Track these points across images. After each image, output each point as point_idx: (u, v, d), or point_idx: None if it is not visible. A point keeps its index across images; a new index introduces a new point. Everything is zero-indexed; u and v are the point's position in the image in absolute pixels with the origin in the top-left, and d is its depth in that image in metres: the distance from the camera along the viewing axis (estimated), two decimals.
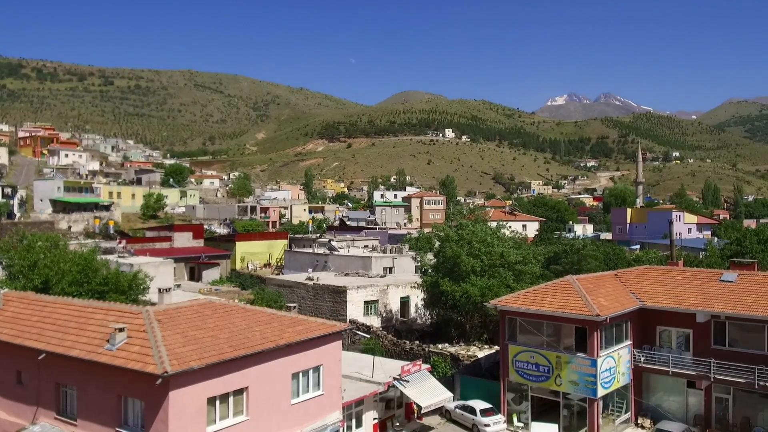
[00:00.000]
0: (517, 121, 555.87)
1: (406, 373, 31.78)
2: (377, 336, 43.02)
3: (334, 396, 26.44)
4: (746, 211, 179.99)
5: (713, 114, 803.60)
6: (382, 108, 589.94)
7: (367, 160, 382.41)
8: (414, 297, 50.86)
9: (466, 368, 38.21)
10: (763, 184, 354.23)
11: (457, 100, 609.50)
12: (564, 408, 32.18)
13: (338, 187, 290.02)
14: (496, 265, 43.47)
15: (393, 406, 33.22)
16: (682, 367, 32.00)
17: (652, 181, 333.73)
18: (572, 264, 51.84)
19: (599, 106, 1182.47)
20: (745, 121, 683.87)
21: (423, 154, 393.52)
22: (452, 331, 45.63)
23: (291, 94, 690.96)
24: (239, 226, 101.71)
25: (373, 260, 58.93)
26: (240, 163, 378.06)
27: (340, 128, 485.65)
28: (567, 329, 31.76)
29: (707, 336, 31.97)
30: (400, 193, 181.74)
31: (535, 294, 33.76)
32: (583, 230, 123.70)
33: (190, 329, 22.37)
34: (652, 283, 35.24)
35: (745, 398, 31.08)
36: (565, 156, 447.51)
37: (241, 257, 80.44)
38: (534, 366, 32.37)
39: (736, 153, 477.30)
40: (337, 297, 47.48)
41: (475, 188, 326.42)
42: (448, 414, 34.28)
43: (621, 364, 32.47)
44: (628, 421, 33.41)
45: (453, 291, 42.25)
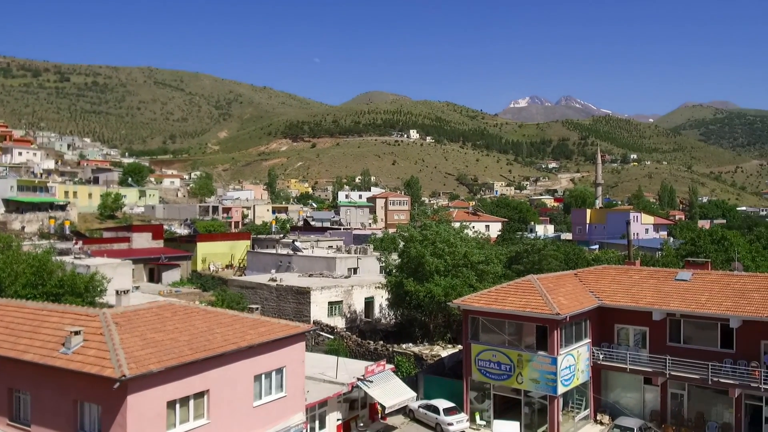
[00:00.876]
0: (480, 122, 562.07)
1: (370, 373, 31.79)
2: (341, 337, 42.92)
3: (297, 397, 26.26)
4: (701, 212, 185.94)
5: (669, 117, 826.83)
6: (347, 108, 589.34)
7: (332, 160, 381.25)
8: (378, 297, 50.92)
9: (429, 368, 38.42)
10: (716, 186, 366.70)
11: (421, 101, 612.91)
12: (525, 406, 32.64)
13: (302, 187, 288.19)
14: (459, 265, 43.87)
15: (357, 406, 33.18)
16: (639, 364, 32.82)
17: (611, 182, 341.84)
18: (533, 264, 52.66)
19: (560, 109, 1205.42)
20: (700, 124, 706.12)
21: (388, 154, 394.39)
22: (416, 330, 45.85)
23: (254, 93, 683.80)
24: (200, 227, 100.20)
25: (337, 261, 58.76)
26: (201, 162, 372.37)
27: (304, 128, 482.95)
28: (528, 328, 32.23)
29: (663, 333, 32.87)
30: (365, 194, 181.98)
31: (497, 293, 34.16)
32: (545, 230, 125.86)
33: (149, 332, 21.94)
34: (611, 282, 36.05)
35: (699, 394, 32.05)
36: (527, 157, 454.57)
37: (203, 258, 79.21)
38: (496, 364, 32.75)
39: (692, 155, 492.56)
40: (300, 298, 47.18)
41: (440, 189, 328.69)
42: (411, 413, 34.41)
43: (580, 362, 33.12)
44: (588, 417, 34.09)
45: (417, 291, 42.47)
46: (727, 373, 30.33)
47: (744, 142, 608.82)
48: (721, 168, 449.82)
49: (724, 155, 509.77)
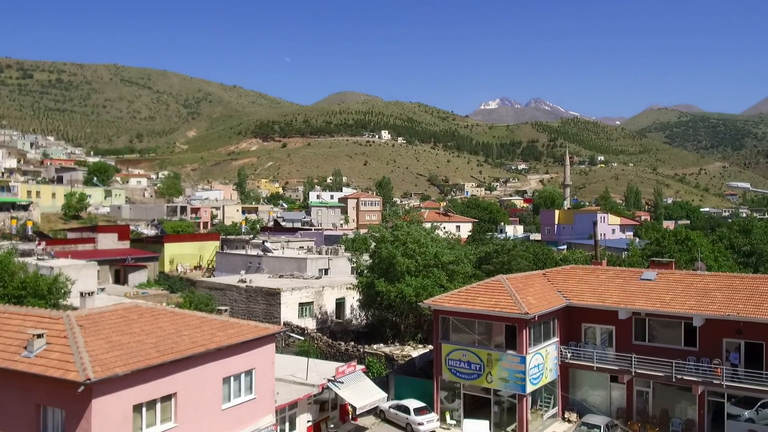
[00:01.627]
0: (451, 124, 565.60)
1: (340, 374, 31.71)
2: (312, 338, 42.73)
3: (266, 400, 26.07)
4: (665, 213, 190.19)
5: (635, 120, 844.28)
6: (318, 108, 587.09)
7: (303, 160, 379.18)
8: (349, 298, 50.83)
9: (400, 368, 38.50)
10: (681, 188, 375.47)
11: (393, 102, 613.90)
12: (495, 404, 32.93)
13: (273, 187, 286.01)
14: (430, 265, 44.07)
15: (327, 407, 33.05)
16: (606, 363, 33.40)
17: (579, 183, 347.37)
18: (503, 264, 53.16)
19: (530, 111, 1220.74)
20: (665, 127, 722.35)
21: (359, 155, 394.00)
22: (387, 331, 45.90)
23: (224, 92, 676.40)
24: (168, 227, 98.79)
25: (308, 262, 58.49)
26: (169, 161, 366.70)
27: (274, 127, 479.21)
28: (498, 327, 32.53)
29: (629, 332, 33.52)
30: (337, 194, 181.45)
31: (468, 293, 34.40)
32: (514, 231, 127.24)
33: (115, 334, 21.56)
34: (578, 281, 36.61)
35: (663, 391, 32.76)
36: (497, 159, 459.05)
37: (170, 259, 78.06)
38: (466, 364, 32.97)
39: (657, 158, 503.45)
40: (270, 299, 46.82)
41: (411, 189, 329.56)
42: (382, 414, 34.42)
43: (549, 361, 33.56)
44: (556, 415, 34.57)
45: (388, 291, 42.53)
46: (690, 370, 31.06)
47: (707, 144, 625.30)
48: (685, 170, 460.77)
49: (688, 157, 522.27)
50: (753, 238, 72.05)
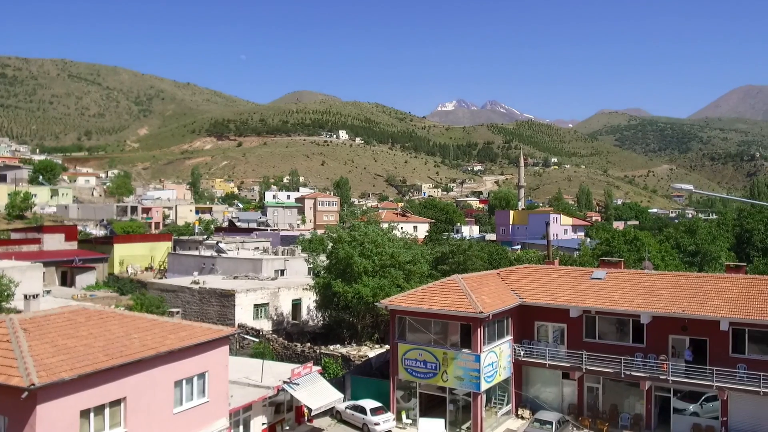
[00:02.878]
0: (408, 124, 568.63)
1: (296, 376, 31.47)
2: (267, 340, 42.25)
3: (220, 403, 25.66)
4: (615, 214, 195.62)
5: (587, 123, 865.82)
6: (275, 107, 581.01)
7: (259, 159, 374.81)
8: (306, 299, 50.48)
9: (357, 368, 38.45)
10: (630, 189, 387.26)
11: (350, 102, 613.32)
12: (450, 403, 33.24)
13: (227, 187, 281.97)
14: (387, 265, 44.15)
15: (283, 409, 32.74)
16: (558, 360, 34.15)
17: (533, 185, 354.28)
18: (459, 263, 53.69)
19: (486, 113, 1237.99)
20: (615, 130, 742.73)
21: (317, 154, 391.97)
22: (344, 332, 45.79)
23: (177, 89, 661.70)
24: (118, 228, 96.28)
25: (263, 262, 57.84)
26: (120, 160, 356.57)
27: (229, 126, 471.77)
28: (453, 326, 32.85)
29: (580, 330, 34.36)
30: (293, 194, 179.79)
31: (424, 293, 34.62)
32: (470, 231, 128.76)
33: (61, 338, 20.90)
34: (531, 281, 37.30)
35: (613, 387, 33.70)
36: (454, 160, 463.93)
37: (120, 260, 76.10)
38: (422, 363, 33.17)
39: (607, 160, 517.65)
40: (224, 301, 46.06)
41: (369, 190, 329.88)
42: (338, 415, 34.31)
43: (502, 359, 34.09)
44: (509, 413, 35.13)
45: (345, 292, 42.41)
46: (638, 366, 32.04)
47: (655, 147, 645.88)
48: (634, 172, 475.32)
49: (637, 160, 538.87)
50: (698, 238, 74.80)
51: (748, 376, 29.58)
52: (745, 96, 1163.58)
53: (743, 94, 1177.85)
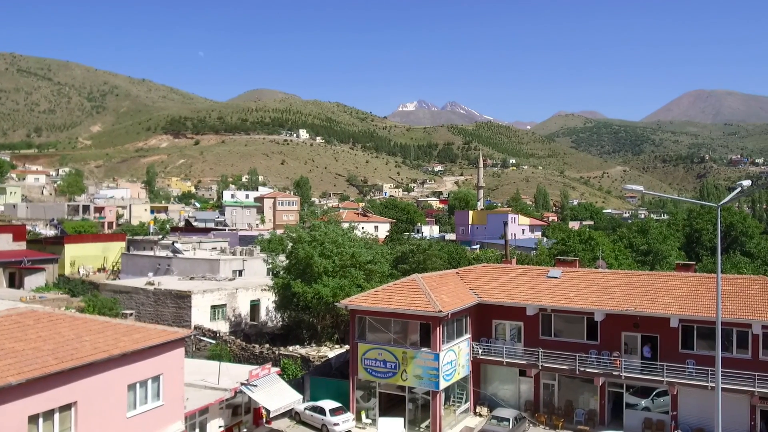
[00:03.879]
0: (370, 124, 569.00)
1: (254, 377, 31.10)
2: (225, 341, 41.63)
3: (175, 406, 25.16)
4: (571, 214, 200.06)
5: (545, 125, 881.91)
6: (234, 105, 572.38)
7: (217, 158, 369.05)
8: (265, 300, 49.95)
9: (316, 369, 38.25)
10: (585, 190, 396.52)
11: (311, 101, 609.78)
12: (409, 402, 33.38)
13: (184, 186, 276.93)
14: (347, 265, 44.05)
15: (240, 412, 32.30)
16: (515, 357, 34.70)
17: (492, 185, 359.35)
18: (419, 263, 54.01)
19: (446, 114, 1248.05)
20: (571, 132, 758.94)
21: (276, 153, 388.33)
22: (304, 332, 45.50)
23: (132, 85, 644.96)
24: (69, 227, 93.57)
25: (221, 263, 57.01)
26: (71, 157, 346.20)
27: (186, 124, 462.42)
28: (413, 326, 33.00)
29: (536, 328, 34.98)
30: (252, 194, 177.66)
31: (384, 293, 34.67)
32: (430, 231, 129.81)
33: (8, 341, 20.23)
34: (489, 280, 37.79)
35: (568, 383, 34.43)
36: (414, 160, 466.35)
37: (71, 261, 73.90)
38: (382, 363, 33.21)
39: (564, 161, 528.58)
40: (180, 302, 45.16)
41: (330, 189, 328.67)
42: (297, 416, 34.07)
43: (461, 357, 34.42)
44: (468, 410, 35.50)
45: (305, 292, 42.13)
46: (592, 363, 32.83)
47: (610, 149, 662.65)
48: (589, 173, 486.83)
49: (593, 161, 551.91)
50: (649, 237, 77.09)
51: (696, 371, 30.63)
52: (695, 100, 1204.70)
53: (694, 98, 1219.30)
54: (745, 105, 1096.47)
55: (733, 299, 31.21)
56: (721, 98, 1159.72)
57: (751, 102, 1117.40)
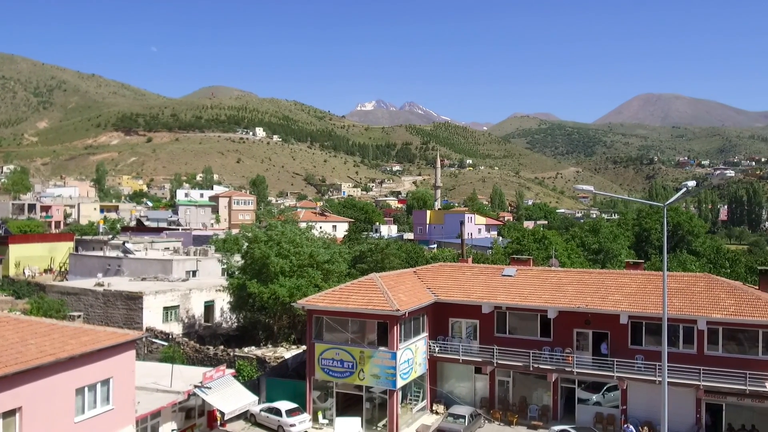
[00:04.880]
0: (328, 123, 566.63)
1: (208, 379, 30.55)
2: (178, 343, 40.75)
3: (126, 410, 24.51)
4: (526, 214, 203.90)
5: (501, 126, 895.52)
6: (188, 101, 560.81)
7: (170, 156, 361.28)
8: (219, 301, 49.13)
9: (272, 370, 37.82)
10: (540, 190, 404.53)
11: (268, 99, 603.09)
12: (367, 401, 33.36)
13: (136, 184, 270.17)
14: (305, 265, 43.69)
15: (194, 415, 31.67)
16: (471, 355, 35.08)
17: (449, 185, 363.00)
18: (377, 262, 54.05)
19: (404, 114, 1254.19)
20: (526, 133, 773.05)
21: (232, 152, 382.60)
22: (260, 333, 44.95)
23: (81, 81, 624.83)
24: (13, 227, 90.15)
25: (174, 263, 55.86)
26: (16, 155, 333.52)
27: (138, 120, 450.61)
28: (370, 325, 32.98)
29: (491, 325, 35.45)
30: (207, 192, 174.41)
31: (341, 292, 34.54)
32: (389, 231, 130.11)
33: None
34: (446, 278, 38.10)
35: (522, 380, 35.01)
36: (373, 160, 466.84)
37: (16, 262, 71.31)
38: (339, 362, 33.09)
39: (519, 162, 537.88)
40: (131, 303, 43.97)
41: (287, 189, 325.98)
42: (253, 418, 33.62)
43: (418, 355, 34.59)
44: (425, 408, 35.70)
45: (261, 293, 41.59)
46: (545, 359, 33.47)
47: (563, 151, 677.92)
48: (543, 174, 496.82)
49: (547, 162, 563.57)
50: (601, 237, 79.12)
51: (645, 366, 31.58)
52: (644, 103, 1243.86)
53: (643, 102, 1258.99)
54: (692, 108, 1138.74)
55: (679, 296, 32.29)
56: (669, 102, 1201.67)
57: (698, 105, 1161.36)
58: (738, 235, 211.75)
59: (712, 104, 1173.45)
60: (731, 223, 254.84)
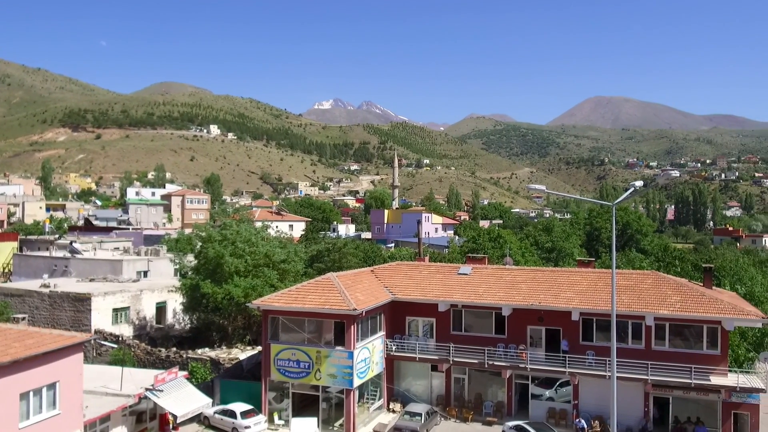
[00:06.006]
0: (284, 121, 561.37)
1: (160, 382, 29.84)
2: (128, 346, 39.65)
3: (73, 414, 23.72)
4: (482, 214, 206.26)
5: (457, 127, 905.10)
6: (139, 98, 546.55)
7: (121, 153, 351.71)
8: (172, 302, 48.03)
9: (227, 371, 37.21)
10: (495, 190, 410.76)
11: (223, 96, 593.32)
12: (323, 401, 33.16)
13: (84, 182, 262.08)
14: (260, 264, 43.13)
15: (145, 418, 30.87)
16: (427, 353, 35.29)
17: (407, 185, 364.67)
18: (334, 261, 53.93)
19: (362, 113, 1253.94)
20: (482, 134, 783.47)
21: (185, 150, 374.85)
22: (214, 334, 44.17)
23: (26, 75, 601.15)
24: None
25: (124, 264, 54.35)
26: None
27: (87, 117, 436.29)
28: (327, 325, 32.80)
29: (447, 323, 35.75)
30: (159, 191, 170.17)
31: (298, 292, 34.23)
32: (346, 230, 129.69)
33: None
34: (403, 277, 38.22)
35: (478, 377, 35.43)
36: (330, 159, 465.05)
37: None
38: (295, 363, 32.79)
39: (475, 162, 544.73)
40: (79, 305, 42.52)
41: (242, 188, 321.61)
42: (207, 420, 32.99)
43: (375, 354, 34.59)
44: (382, 407, 35.73)
45: (215, 293, 40.84)
46: (500, 356, 33.97)
47: (518, 151, 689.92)
48: (499, 174, 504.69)
49: (502, 163, 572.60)
50: (553, 236, 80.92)
51: (596, 361, 32.39)
52: (596, 106, 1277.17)
53: (594, 104, 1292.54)
54: (641, 111, 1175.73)
55: (628, 293, 33.25)
56: (619, 105, 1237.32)
57: (647, 108, 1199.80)
58: (684, 234, 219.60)
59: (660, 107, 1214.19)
60: (678, 222, 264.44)
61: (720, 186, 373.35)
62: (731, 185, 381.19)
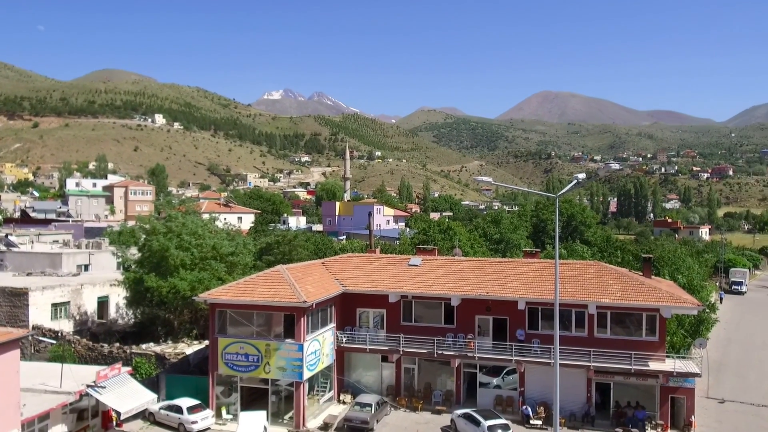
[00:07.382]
0: (233, 111, 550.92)
1: (102, 378, 28.96)
2: (68, 341, 38.24)
3: (9, 413, 22.80)
4: (432, 206, 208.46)
5: (409, 119, 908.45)
6: (79, 85, 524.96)
7: (60, 142, 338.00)
8: (114, 296, 46.62)
9: (172, 366, 36.39)
10: (446, 183, 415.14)
11: (168, 85, 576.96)
12: (273, 394, 32.87)
13: (20, 172, 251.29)
14: (207, 257, 42.30)
15: (87, 416, 29.92)
16: (378, 344, 35.45)
17: (359, 177, 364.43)
18: (284, 254, 53.37)
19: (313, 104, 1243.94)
20: (433, 127, 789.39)
21: (129, 139, 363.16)
22: (159, 329, 43.11)
23: None
24: None
25: (63, 257, 52.38)
26: None
27: (23, 104, 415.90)
28: (277, 317, 32.48)
29: (398, 314, 35.97)
30: (101, 182, 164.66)
31: (246, 285, 33.74)
32: (297, 222, 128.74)
33: None
34: (354, 269, 38.20)
35: (427, 367, 35.83)
36: (280, 150, 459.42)
37: None
38: (244, 356, 32.35)
39: (426, 155, 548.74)
40: (15, 300, 40.72)
41: (189, 179, 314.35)
42: (152, 417, 32.21)
43: (325, 346, 34.49)
44: (332, 399, 35.71)
45: (160, 287, 39.83)
46: (449, 346, 34.43)
47: (468, 144, 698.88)
48: (449, 167, 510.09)
49: (452, 156, 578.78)
50: (502, 227, 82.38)
51: (541, 349, 33.23)
52: (543, 101, 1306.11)
53: (542, 99, 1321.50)
54: (587, 106, 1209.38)
55: (572, 283, 34.19)
56: (566, 100, 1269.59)
57: (592, 104, 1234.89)
58: (626, 225, 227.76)
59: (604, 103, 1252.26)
60: (620, 214, 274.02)
61: (660, 179, 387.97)
62: (671, 179, 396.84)
